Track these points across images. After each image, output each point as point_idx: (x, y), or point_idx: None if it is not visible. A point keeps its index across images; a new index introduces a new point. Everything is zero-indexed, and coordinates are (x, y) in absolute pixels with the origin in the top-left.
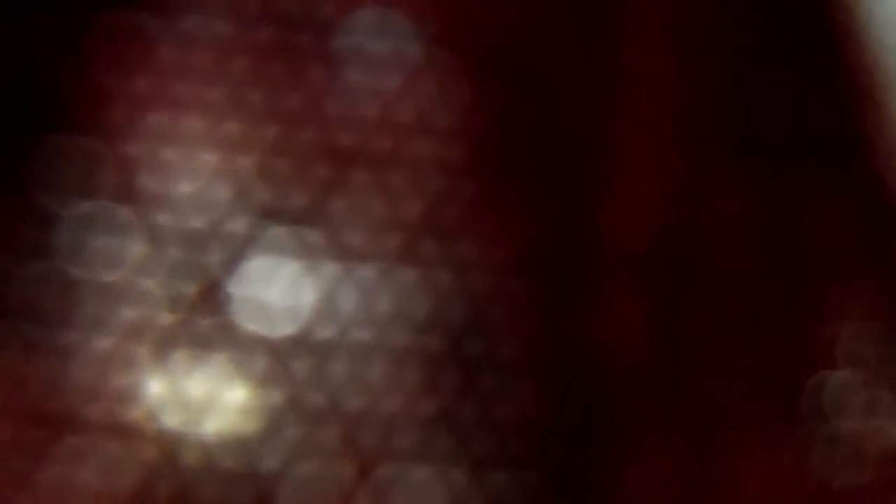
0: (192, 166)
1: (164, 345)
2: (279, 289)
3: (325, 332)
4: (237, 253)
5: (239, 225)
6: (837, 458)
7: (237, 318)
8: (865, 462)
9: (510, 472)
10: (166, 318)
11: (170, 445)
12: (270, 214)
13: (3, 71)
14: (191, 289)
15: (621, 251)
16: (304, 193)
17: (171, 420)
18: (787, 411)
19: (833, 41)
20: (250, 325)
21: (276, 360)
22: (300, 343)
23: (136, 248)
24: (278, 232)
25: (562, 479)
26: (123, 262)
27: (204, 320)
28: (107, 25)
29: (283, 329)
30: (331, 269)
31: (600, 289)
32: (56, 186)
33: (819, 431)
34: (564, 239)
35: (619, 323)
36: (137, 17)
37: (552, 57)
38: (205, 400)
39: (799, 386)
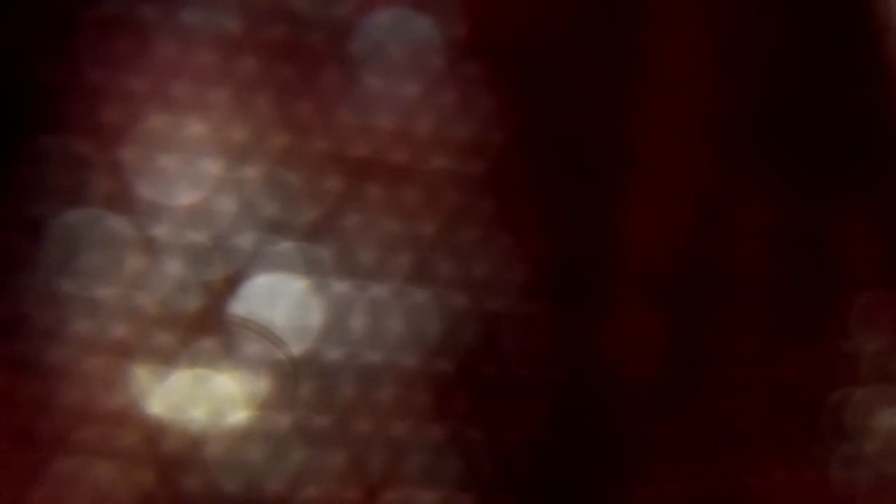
0: (193, 175)
1: (162, 365)
2: (285, 308)
3: (333, 354)
4: (241, 269)
5: (244, 239)
6: (859, 478)
7: (240, 337)
8: (887, 485)
9: (519, 497)
10: (164, 337)
11: (169, 469)
12: (278, 229)
13: None
14: (191, 306)
15: (641, 265)
16: (314, 207)
17: (170, 443)
18: (806, 429)
19: (866, 44)
20: (254, 345)
21: (282, 381)
22: (307, 364)
23: (132, 262)
24: (286, 247)
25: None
26: (117, 276)
27: (205, 340)
28: (99, 17)
29: (290, 350)
30: (340, 287)
31: (617, 304)
32: (43, 192)
33: (840, 450)
34: (582, 256)
35: (635, 339)
36: (133, 9)
37: (578, 64)
38: (206, 422)
39: (819, 402)
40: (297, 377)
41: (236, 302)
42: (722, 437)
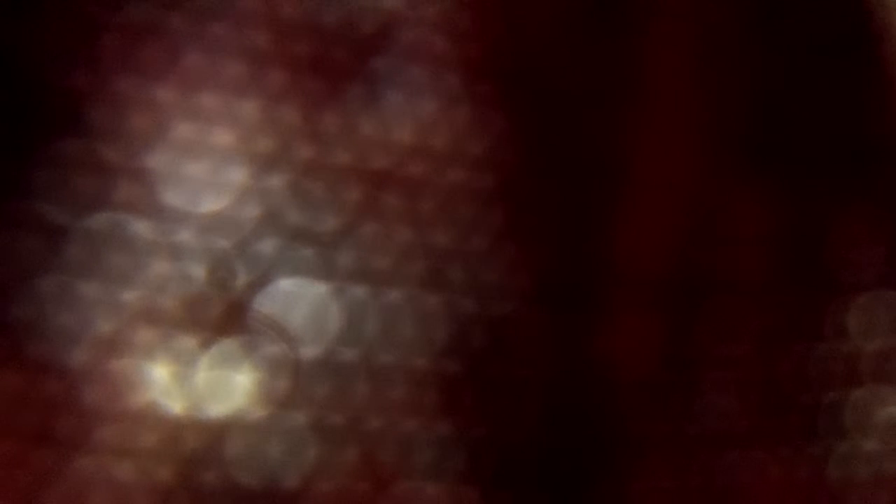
0: (219, 182)
1: (184, 366)
2: (305, 311)
3: (349, 355)
4: (263, 274)
5: (267, 246)
6: (855, 477)
7: (260, 339)
8: (885, 482)
9: (520, 491)
10: (186, 340)
11: (188, 468)
12: (300, 236)
13: (13, 70)
14: (214, 310)
15: (639, 272)
16: (335, 216)
17: (190, 441)
18: (802, 428)
19: (857, 48)
20: (274, 346)
21: (300, 381)
22: (324, 365)
23: (155, 266)
24: (307, 254)
25: (571, 500)
26: (140, 279)
27: (226, 341)
28: (127, 25)
29: (308, 351)
30: (357, 292)
31: (616, 309)
32: (68, 197)
33: (836, 449)
34: (584, 264)
35: (632, 341)
36: (162, 18)
37: (582, 85)
38: (225, 420)
39: (815, 402)
40: (312, 377)
41: (257, 305)
42: (718, 436)
